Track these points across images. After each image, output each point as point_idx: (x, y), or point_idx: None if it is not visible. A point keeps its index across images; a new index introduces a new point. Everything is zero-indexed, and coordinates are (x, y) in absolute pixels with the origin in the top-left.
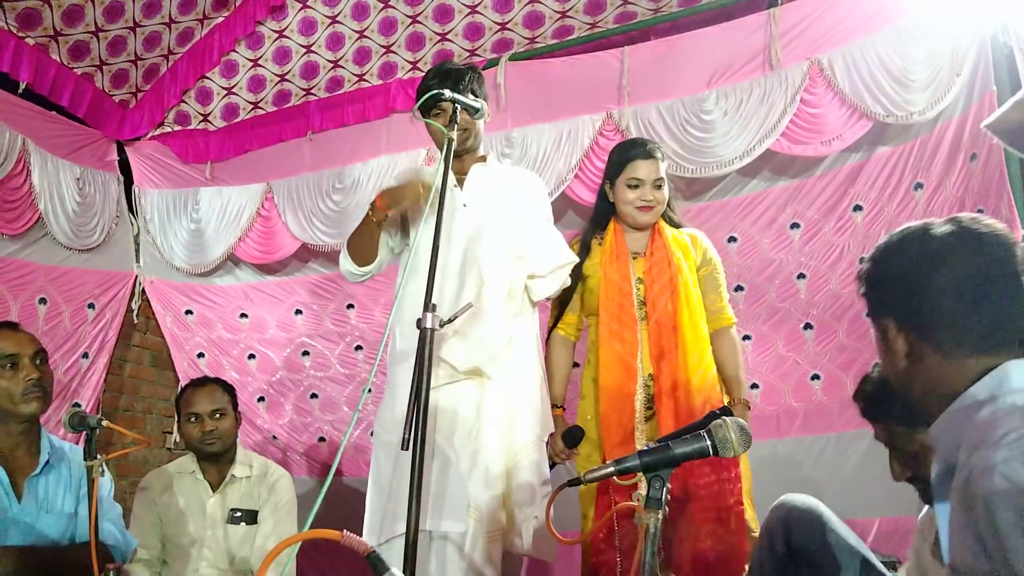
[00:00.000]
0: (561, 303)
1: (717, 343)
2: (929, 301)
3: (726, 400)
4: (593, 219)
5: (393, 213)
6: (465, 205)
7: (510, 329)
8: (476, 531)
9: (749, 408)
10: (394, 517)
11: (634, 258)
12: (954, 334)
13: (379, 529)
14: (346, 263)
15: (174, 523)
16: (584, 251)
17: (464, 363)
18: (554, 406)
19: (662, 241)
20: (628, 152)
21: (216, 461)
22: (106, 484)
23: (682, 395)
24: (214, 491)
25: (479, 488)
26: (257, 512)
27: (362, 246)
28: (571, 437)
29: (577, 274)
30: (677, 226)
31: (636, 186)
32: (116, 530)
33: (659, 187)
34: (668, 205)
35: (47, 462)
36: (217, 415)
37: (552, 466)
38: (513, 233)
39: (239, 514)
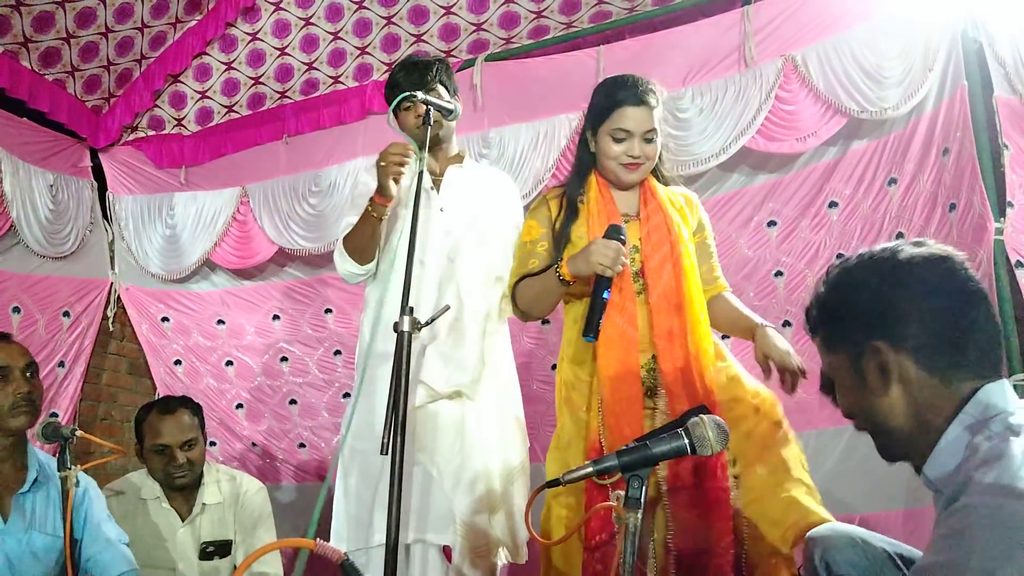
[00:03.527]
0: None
1: (717, 306)
2: (931, 323)
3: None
4: (574, 173)
5: (393, 199)
6: (442, 210)
7: (488, 349)
8: (464, 547)
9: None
10: (367, 527)
11: (626, 221)
12: (956, 357)
13: (347, 536)
14: (346, 264)
15: (138, 555)
16: (572, 212)
17: (444, 386)
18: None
19: (657, 203)
20: (615, 95)
21: (183, 489)
22: (97, 501)
23: (694, 380)
24: (183, 520)
25: (465, 503)
26: (230, 542)
27: (364, 246)
28: (617, 234)
29: (563, 238)
30: (667, 184)
31: (622, 139)
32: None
33: (650, 140)
34: (659, 158)
35: (35, 480)
36: (187, 446)
37: (607, 284)
38: (491, 252)
39: (211, 548)
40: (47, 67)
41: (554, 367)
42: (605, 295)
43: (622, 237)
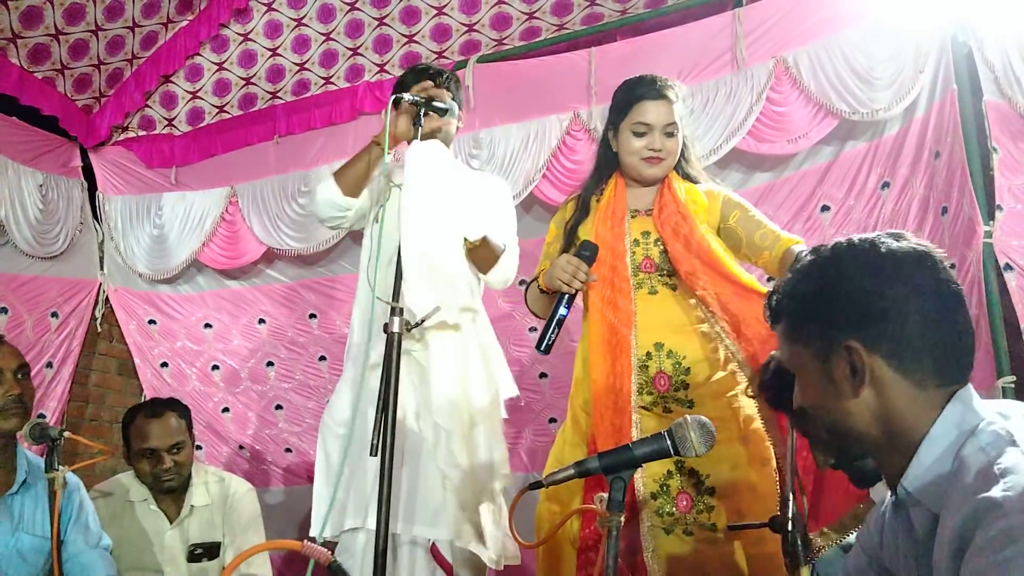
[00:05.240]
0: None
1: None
2: (915, 325)
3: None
4: (594, 173)
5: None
6: None
7: (466, 280)
8: (456, 542)
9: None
10: (343, 510)
11: (633, 216)
12: (937, 363)
13: (324, 520)
14: (330, 191)
15: (126, 557)
16: (583, 211)
17: (422, 308)
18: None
19: (672, 195)
20: (634, 91)
21: (172, 491)
22: (83, 503)
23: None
24: (171, 522)
25: (458, 498)
26: (219, 544)
27: (355, 176)
28: (583, 251)
29: (572, 237)
30: (694, 182)
31: (643, 133)
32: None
33: (671, 135)
34: (683, 156)
35: (24, 481)
36: (175, 449)
37: (572, 299)
38: (472, 209)
39: (199, 551)
40: (36, 64)
41: (542, 376)
42: (563, 311)
43: (587, 254)
